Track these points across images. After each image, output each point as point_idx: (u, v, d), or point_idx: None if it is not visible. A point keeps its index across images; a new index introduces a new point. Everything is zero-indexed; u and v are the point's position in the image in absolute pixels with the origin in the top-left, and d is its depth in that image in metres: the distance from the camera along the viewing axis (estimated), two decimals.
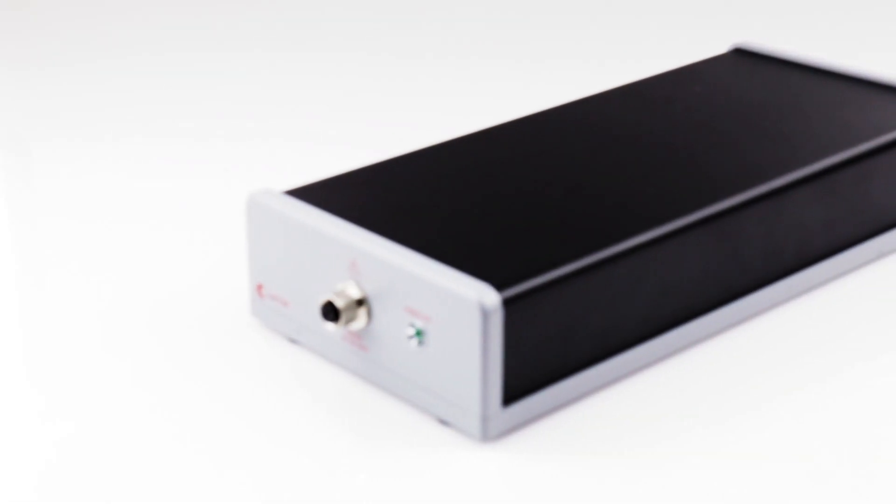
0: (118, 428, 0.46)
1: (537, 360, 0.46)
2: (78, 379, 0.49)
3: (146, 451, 0.45)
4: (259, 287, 0.51)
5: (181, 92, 0.78)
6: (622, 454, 0.45)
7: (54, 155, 0.69)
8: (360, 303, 0.47)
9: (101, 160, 0.69)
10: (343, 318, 0.47)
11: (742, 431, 0.46)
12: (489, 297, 0.44)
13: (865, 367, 0.50)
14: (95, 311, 0.54)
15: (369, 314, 0.47)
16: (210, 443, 0.45)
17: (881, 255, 0.57)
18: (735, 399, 0.48)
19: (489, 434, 0.45)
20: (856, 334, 0.52)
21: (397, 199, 0.51)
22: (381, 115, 0.75)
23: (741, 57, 0.65)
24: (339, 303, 0.47)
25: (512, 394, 0.45)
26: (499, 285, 0.44)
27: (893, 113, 0.58)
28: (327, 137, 0.71)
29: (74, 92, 0.78)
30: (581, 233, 0.48)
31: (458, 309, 0.44)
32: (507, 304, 0.44)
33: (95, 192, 0.65)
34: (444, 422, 0.46)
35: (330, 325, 0.47)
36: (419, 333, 0.46)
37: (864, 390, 0.48)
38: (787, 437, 0.46)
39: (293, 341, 0.51)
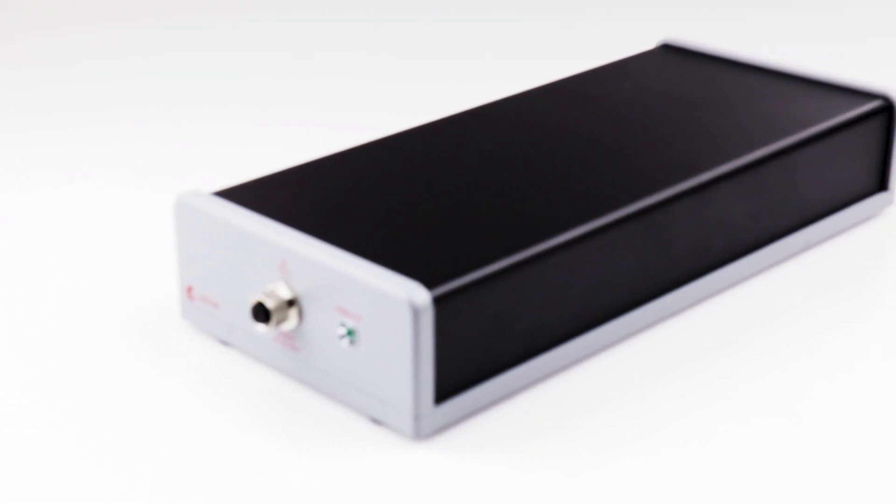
0: (46, 434, 0.45)
1: (469, 358, 0.45)
2: (3, 386, 0.48)
3: (76, 457, 0.44)
4: (189, 289, 0.50)
5: (106, 96, 0.77)
6: (556, 449, 0.45)
7: None
8: (291, 303, 0.46)
9: (27, 167, 0.67)
10: (274, 318, 0.46)
11: (674, 420, 0.46)
12: (419, 295, 0.43)
13: (795, 354, 0.50)
14: (20, 316, 0.53)
15: (300, 314, 0.46)
16: (142, 447, 0.45)
17: (808, 247, 0.57)
18: (666, 389, 0.48)
19: (422, 433, 0.45)
20: (784, 323, 0.52)
21: (326, 198, 0.50)
22: (309, 115, 0.74)
23: (669, 53, 0.65)
24: (270, 304, 0.46)
25: (444, 392, 0.45)
26: (429, 283, 0.44)
27: (818, 106, 0.58)
28: (254, 139, 0.70)
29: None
30: (511, 229, 0.48)
31: (388, 308, 0.44)
32: (438, 302, 0.44)
33: (22, 198, 0.64)
34: (376, 421, 0.46)
35: (261, 327, 0.46)
36: (350, 333, 0.45)
37: (792, 376, 0.49)
38: (719, 425, 0.46)
39: (224, 343, 0.50)
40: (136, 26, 0.89)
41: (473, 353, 0.46)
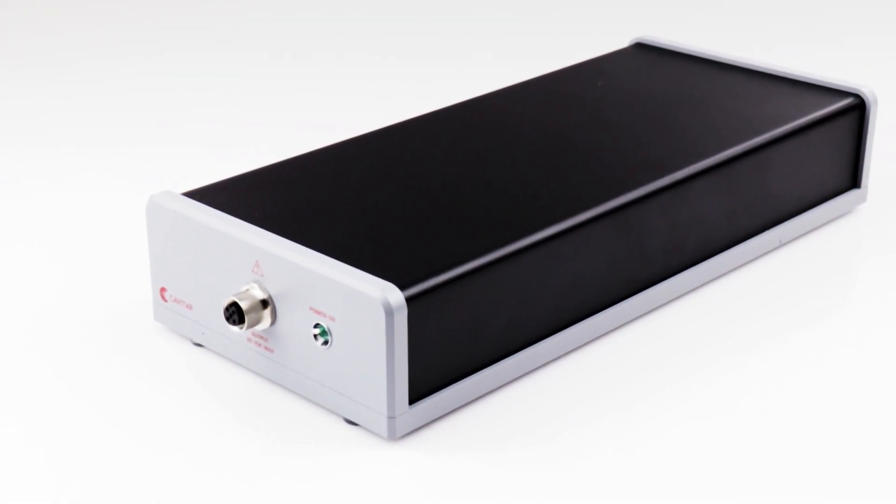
0: (16, 437, 0.43)
1: (443, 358, 0.44)
2: None
3: (46, 460, 0.42)
4: (162, 291, 0.48)
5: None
6: (531, 448, 0.43)
7: None
8: (265, 304, 0.44)
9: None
10: (248, 319, 0.44)
11: (648, 417, 0.44)
12: (393, 295, 0.41)
13: (769, 350, 0.48)
14: None
15: (274, 315, 0.44)
16: (115, 449, 0.43)
17: (781, 244, 0.56)
18: (641, 387, 0.46)
19: (396, 433, 0.43)
20: (757, 319, 0.50)
21: (299, 199, 0.48)
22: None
23: (642, 51, 0.63)
24: (244, 304, 0.44)
25: (418, 392, 0.43)
26: (402, 284, 0.42)
27: (791, 104, 0.56)
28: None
29: None
30: (484, 229, 0.46)
31: (362, 308, 0.42)
32: (411, 302, 0.42)
33: (7, 197, 0.61)
34: (351, 422, 0.44)
35: (235, 328, 0.44)
36: (324, 333, 0.43)
37: (766, 372, 0.47)
38: (693, 421, 0.44)
39: (198, 345, 0.48)
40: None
41: (447, 353, 0.44)
